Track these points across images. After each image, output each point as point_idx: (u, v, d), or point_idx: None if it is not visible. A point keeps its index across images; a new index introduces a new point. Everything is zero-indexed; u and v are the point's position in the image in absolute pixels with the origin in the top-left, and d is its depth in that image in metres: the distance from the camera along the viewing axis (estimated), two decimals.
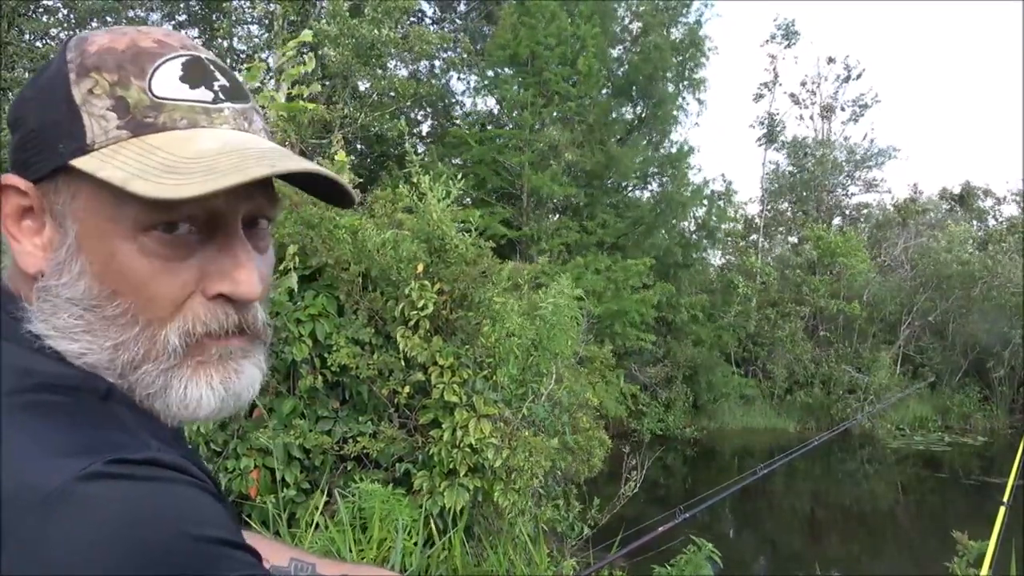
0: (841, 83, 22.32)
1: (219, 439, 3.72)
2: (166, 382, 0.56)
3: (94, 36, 0.58)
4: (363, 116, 12.91)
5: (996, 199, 22.80)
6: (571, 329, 4.98)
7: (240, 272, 0.56)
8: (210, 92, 0.57)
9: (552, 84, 13.62)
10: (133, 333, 0.55)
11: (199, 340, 0.56)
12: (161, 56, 0.57)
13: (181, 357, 0.56)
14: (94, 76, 0.55)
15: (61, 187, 0.55)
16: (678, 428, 14.23)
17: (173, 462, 0.50)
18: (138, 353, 0.55)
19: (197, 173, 0.51)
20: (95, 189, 0.54)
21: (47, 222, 0.56)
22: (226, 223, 0.56)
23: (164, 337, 0.55)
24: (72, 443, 0.47)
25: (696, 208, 16.24)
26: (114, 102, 0.54)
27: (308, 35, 4.18)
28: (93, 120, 0.54)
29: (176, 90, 0.56)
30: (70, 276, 0.55)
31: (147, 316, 0.55)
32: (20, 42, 12.76)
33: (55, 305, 0.55)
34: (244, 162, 0.53)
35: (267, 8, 13.49)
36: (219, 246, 0.56)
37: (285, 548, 0.93)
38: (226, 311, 0.57)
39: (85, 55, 0.56)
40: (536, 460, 3.82)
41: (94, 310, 0.55)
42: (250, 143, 0.56)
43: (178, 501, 0.48)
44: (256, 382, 0.61)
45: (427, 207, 4.13)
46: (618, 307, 12.67)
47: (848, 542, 9.18)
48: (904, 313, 17.66)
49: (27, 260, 0.57)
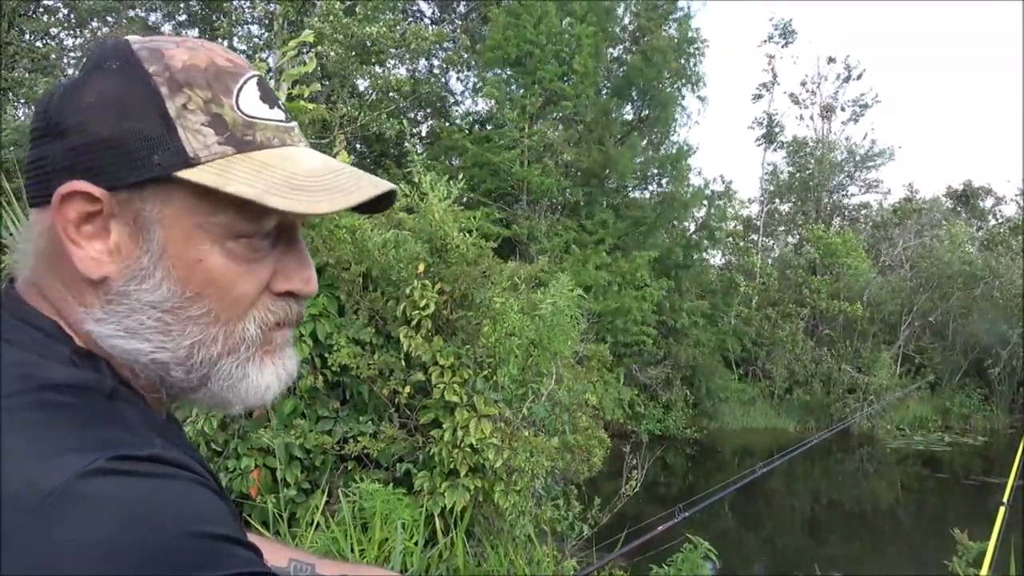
0: (841, 83, 22.36)
1: (220, 439, 3.72)
2: (244, 372, 0.61)
3: (170, 49, 0.59)
4: (362, 116, 12.91)
5: (997, 199, 22.84)
6: (571, 328, 4.98)
7: (307, 271, 0.63)
8: (281, 112, 0.62)
9: (547, 83, 13.62)
10: (213, 332, 0.59)
11: (270, 330, 0.62)
12: (240, 76, 0.60)
13: (256, 347, 0.61)
14: (187, 92, 0.57)
15: (149, 196, 0.56)
16: (678, 428, 14.22)
17: (177, 459, 0.50)
18: (218, 348, 0.59)
19: (321, 191, 0.57)
20: (188, 198, 0.56)
21: (114, 228, 0.57)
22: (292, 230, 0.63)
23: (242, 329, 0.60)
24: (75, 441, 0.48)
25: (696, 209, 16.25)
26: (210, 118, 0.57)
27: (309, 35, 4.18)
28: (189, 135, 0.56)
29: (260, 109, 0.60)
30: (152, 282, 0.57)
31: (228, 314, 0.59)
32: (20, 42, 12.75)
33: (131, 308, 0.57)
34: (359, 181, 0.60)
35: (267, 8, 13.49)
36: (285, 249, 0.62)
37: (285, 549, 0.93)
38: (289, 305, 0.63)
39: (172, 69, 0.57)
40: (537, 460, 3.82)
41: (175, 312, 0.58)
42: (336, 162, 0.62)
43: (181, 498, 0.48)
44: (297, 363, 0.68)
45: (428, 207, 4.13)
46: (619, 304, 12.67)
47: (848, 542, 9.17)
48: (904, 313, 17.66)
49: (90, 266, 0.57)
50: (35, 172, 0.58)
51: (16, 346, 0.54)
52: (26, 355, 0.54)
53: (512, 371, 4.30)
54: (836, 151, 22.12)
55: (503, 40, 13.50)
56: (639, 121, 16.31)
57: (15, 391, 0.50)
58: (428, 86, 15.49)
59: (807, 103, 22.55)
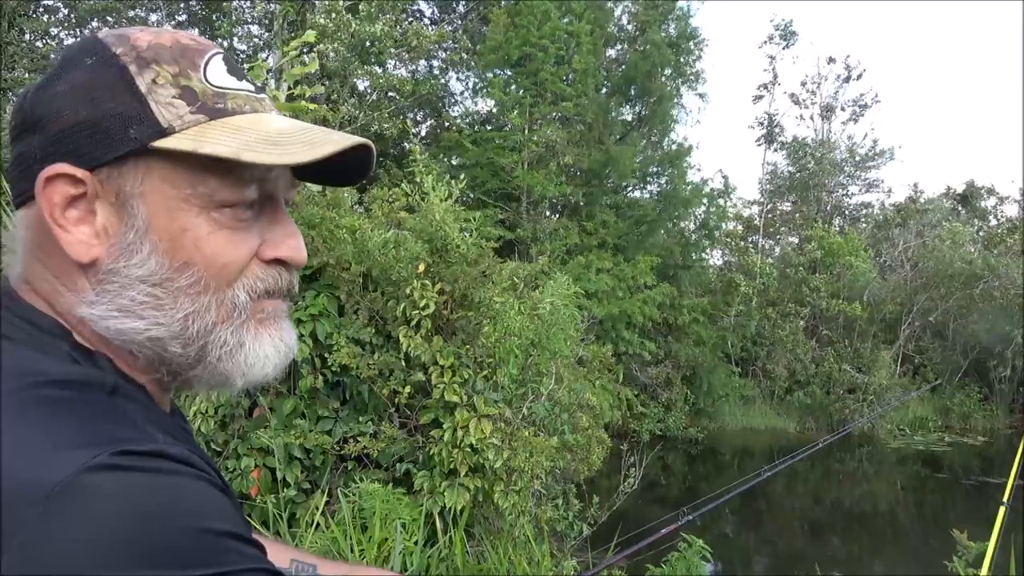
0: (841, 83, 22.35)
1: (220, 439, 3.72)
2: (240, 339, 0.61)
3: (134, 32, 0.60)
4: (363, 115, 12.91)
5: (998, 198, 22.84)
6: (569, 327, 4.98)
7: (294, 240, 0.64)
8: (250, 83, 0.63)
9: (548, 84, 13.62)
10: (204, 300, 0.59)
11: (259, 298, 0.62)
12: (205, 52, 0.61)
13: (248, 315, 0.62)
14: (155, 68, 0.58)
15: (128, 170, 0.57)
16: (679, 428, 14.23)
17: (180, 455, 0.50)
18: (211, 316, 0.60)
19: (297, 144, 0.58)
20: (168, 170, 0.57)
21: (99, 208, 0.58)
22: (276, 198, 0.63)
23: (232, 296, 0.61)
24: (78, 436, 0.48)
25: (696, 207, 16.24)
26: (180, 91, 0.58)
27: (311, 35, 4.17)
28: (161, 107, 0.57)
29: (228, 81, 0.61)
30: (140, 256, 0.58)
31: (217, 282, 0.60)
32: (20, 42, 12.75)
33: (122, 286, 0.58)
34: (330, 135, 0.60)
35: (267, 8, 13.49)
36: (270, 218, 0.63)
37: (286, 549, 0.93)
38: (280, 272, 0.64)
39: (140, 49, 0.59)
40: (537, 460, 3.82)
41: (165, 284, 0.58)
42: (310, 124, 0.63)
43: (185, 493, 0.48)
44: (295, 338, 0.69)
45: (430, 207, 4.13)
46: (620, 309, 12.66)
47: (848, 542, 9.17)
48: (904, 313, 17.66)
49: (79, 249, 0.57)
50: (18, 169, 0.59)
51: (16, 343, 0.54)
52: (26, 352, 0.54)
53: (512, 371, 4.30)
54: (836, 151, 22.13)
55: (504, 41, 13.49)
56: (638, 120, 16.30)
57: (16, 388, 0.50)
58: (428, 86, 15.48)
59: (807, 103, 22.58)
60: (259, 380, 0.64)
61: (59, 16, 13.61)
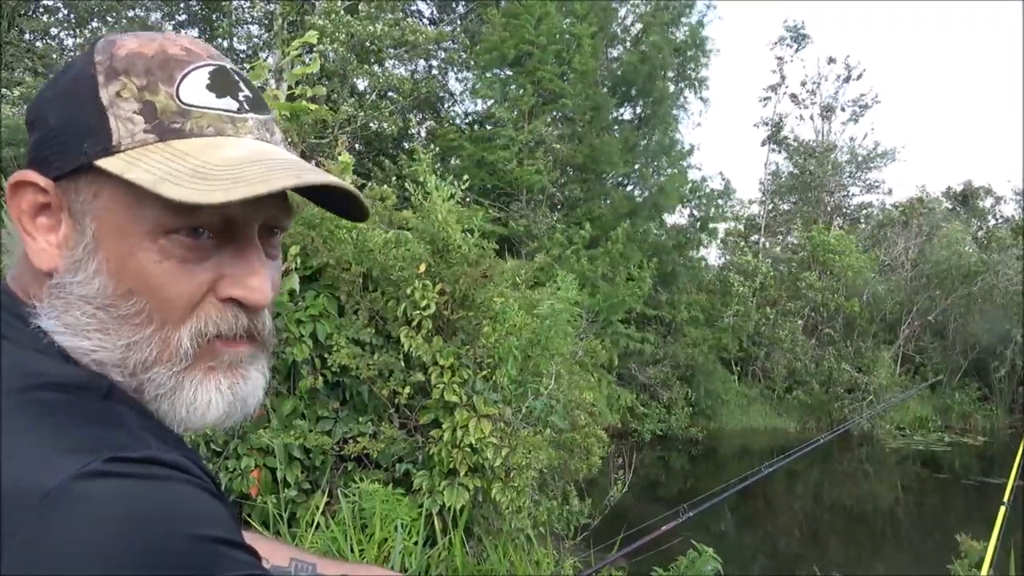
0: (841, 83, 22.35)
1: (220, 439, 3.72)
2: (177, 383, 0.57)
3: (123, 40, 0.59)
4: (362, 115, 12.90)
5: (996, 198, 22.85)
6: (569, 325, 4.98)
7: (254, 279, 0.58)
8: (235, 102, 0.59)
9: (546, 83, 13.61)
10: (147, 333, 0.55)
11: (210, 342, 0.57)
12: (189, 64, 0.58)
13: (193, 360, 0.57)
14: (123, 79, 0.56)
15: (83, 186, 0.56)
16: (680, 428, 14.23)
17: (174, 461, 0.50)
18: (151, 354, 0.56)
19: (225, 180, 0.53)
20: (118, 190, 0.54)
21: (63, 220, 0.57)
22: (243, 230, 0.58)
23: (177, 340, 0.56)
24: (71, 441, 0.47)
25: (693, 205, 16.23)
26: (141, 106, 0.55)
27: (313, 36, 4.17)
28: (119, 122, 0.55)
29: (203, 98, 0.57)
30: (85, 274, 0.55)
31: (162, 316, 0.55)
32: (20, 42, 12.75)
33: (67, 302, 0.56)
34: (270, 172, 0.54)
35: (267, 8, 13.49)
36: (234, 252, 0.57)
37: (285, 548, 0.93)
38: (236, 315, 0.58)
39: (114, 58, 0.57)
40: (535, 455, 3.83)
41: (108, 309, 0.55)
42: (274, 154, 0.57)
43: (178, 500, 0.48)
44: (260, 389, 0.62)
45: (432, 207, 4.13)
46: (613, 300, 12.61)
47: (848, 542, 9.17)
48: (904, 312, 17.67)
49: (41, 257, 0.57)
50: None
51: (14, 343, 0.54)
52: (25, 352, 0.54)
53: (511, 371, 4.30)
54: (838, 151, 22.12)
55: (499, 42, 13.49)
56: (638, 120, 16.28)
57: (14, 389, 0.50)
58: (427, 86, 15.48)
59: (807, 103, 22.58)
60: (199, 428, 0.58)
61: (59, 16, 13.61)
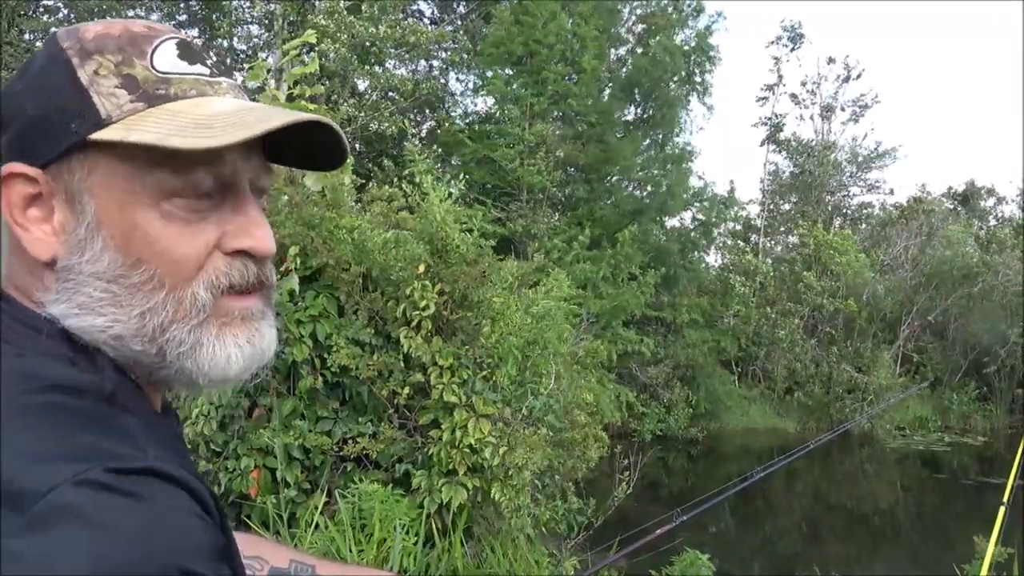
0: (841, 83, 22.34)
1: (219, 439, 3.72)
2: (197, 339, 0.58)
3: (87, 25, 0.60)
4: (363, 116, 12.90)
5: (998, 198, 22.85)
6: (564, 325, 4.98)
7: (258, 229, 0.60)
8: (206, 68, 0.61)
9: (551, 83, 13.61)
10: (160, 297, 0.57)
11: (224, 295, 0.59)
12: (155, 38, 0.60)
13: (208, 314, 0.58)
14: (97, 58, 0.57)
15: (75, 165, 0.56)
16: (680, 428, 14.23)
17: (170, 473, 0.49)
18: (167, 316, 0.57)
19: (228, 126, 0.55)
20: (114, 162, 0.56)
21: (56, 206, 0.57)
22: (237, 186, 0.60)
23: (192, 295, 0.57)
24: (69, 447, 0.47)
25: (695, 209, 16.24)
26: (122, 80, 0.57)
27: (311, 35, 4.17)
28: (103, 99, 0.56)
29: (177, 66, 0.59)
30: (93, 252, 0.57)
31: (173, 279, 0.57)
32: (20, 42, 12.75)
33: (79, 282, 0.57)
34: (266, 114, 0.57)
35: (267, 8, 13.49)
36: (233, 207, 0.60)
37: (285, 549, 0.93)
38: (245, 264, 0.60)
39: (84, 41, 0.58)
40: (533, 454, 3.83)
41: (119, 280, 0.56)
42: (258, 105, 0.60)
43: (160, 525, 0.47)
44: (274, 342, 0.64)
45: (429, 207, 4.13)
46: (616, 303, 12.62)
47: (847, 542, 9.17)
48: (904, 313, 17.66)
49: (39, 247, 0.57)
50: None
51: (14, 345, 0.54)
52: (27, 356, 0.54)
53: (511, 371, 4.30)
54: (838, 151, 22.11)
55: (506, 38, 13.47)
56: (642, 121, 16.29)
57: (17, 392, 0.50)
58: (428, 86, 15.49)
59: (807, 103, 22.57)
60: (221, 382, 0.60)
61: (59, 16, 13.60)
